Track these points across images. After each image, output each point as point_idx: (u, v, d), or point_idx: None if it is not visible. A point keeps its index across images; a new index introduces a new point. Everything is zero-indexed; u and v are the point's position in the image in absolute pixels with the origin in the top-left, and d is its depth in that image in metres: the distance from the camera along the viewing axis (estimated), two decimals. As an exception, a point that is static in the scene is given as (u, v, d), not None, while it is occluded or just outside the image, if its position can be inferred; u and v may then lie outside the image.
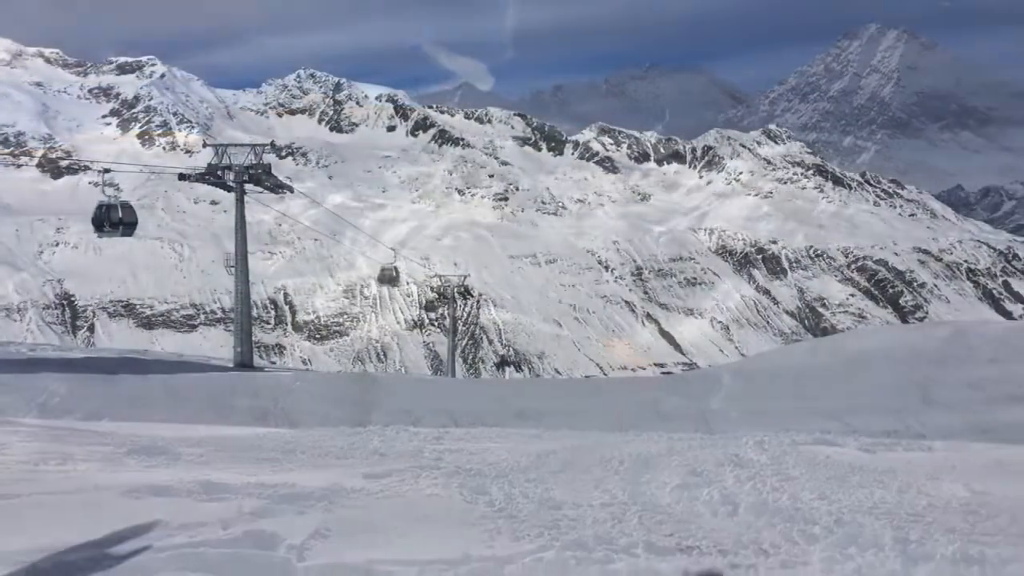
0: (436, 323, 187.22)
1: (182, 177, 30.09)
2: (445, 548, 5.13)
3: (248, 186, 30.35)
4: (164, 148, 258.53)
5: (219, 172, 29.63)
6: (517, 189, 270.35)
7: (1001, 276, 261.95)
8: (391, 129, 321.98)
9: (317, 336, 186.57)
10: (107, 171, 26.60)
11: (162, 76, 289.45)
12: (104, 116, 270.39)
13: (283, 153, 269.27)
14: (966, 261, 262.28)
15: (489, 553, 5.01)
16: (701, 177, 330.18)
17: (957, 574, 4.42)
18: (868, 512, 5.61)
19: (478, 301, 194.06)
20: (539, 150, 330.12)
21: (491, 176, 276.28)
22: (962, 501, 5.87)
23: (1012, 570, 4.48)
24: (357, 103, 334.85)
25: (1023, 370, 14.76)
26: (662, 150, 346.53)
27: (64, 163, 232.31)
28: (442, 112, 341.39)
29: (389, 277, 39.07)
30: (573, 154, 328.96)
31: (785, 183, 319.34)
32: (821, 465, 7.18)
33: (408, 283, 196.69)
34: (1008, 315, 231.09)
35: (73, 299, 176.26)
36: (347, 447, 8.56)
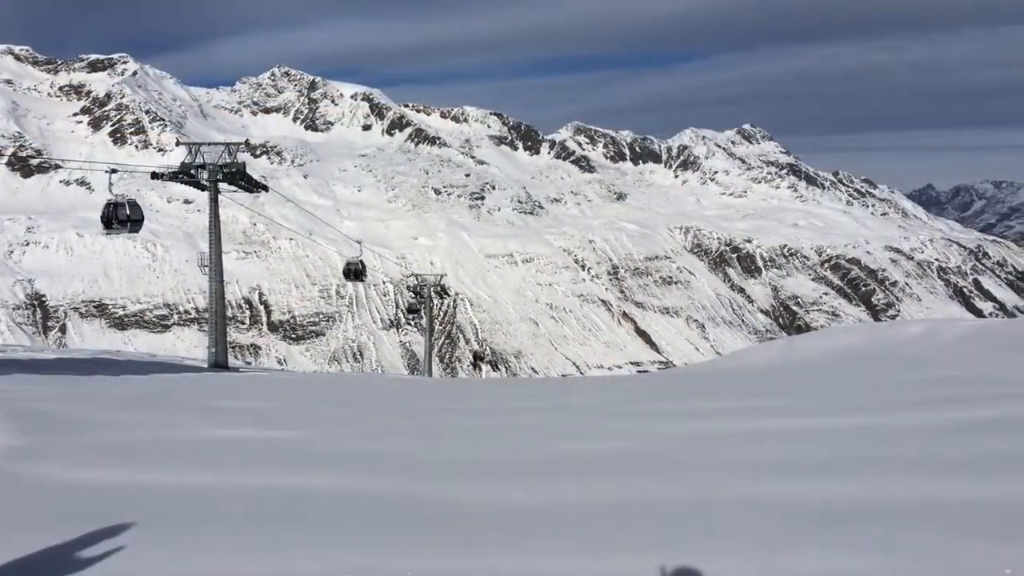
0: (413, 322, 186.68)
1: (155, 176, 29.78)
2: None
3: (222, 185, 30.14)
4: (136, 146, 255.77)
5: (193, 171, 29.39)
6: (493, 188, 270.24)
7: (971, 274, 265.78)
8: (367, 128, 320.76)
9: (293, 336, 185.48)
10: (114, 171, 27.02)
11: (134, 74, 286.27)
12: (75, 114, 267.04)
13: (257, 152, 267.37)
14: (937, 259, 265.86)
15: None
16: (677, 176, 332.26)
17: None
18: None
19: (455, 300, 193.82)
20: (515, 149, 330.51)
21: (467, 175, 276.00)
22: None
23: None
24: (332, 102, 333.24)
25: (993, 368, 14.97)
26: (638, 149, 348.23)
27: (35, 161, 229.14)
28: (418, 111, 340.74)
29: (355, 271, 38.49)
30: (549, 153, 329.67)
31: (759, 182, 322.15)
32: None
33: (384, 282, 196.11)
34: (978, 313, 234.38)
35: (44, 299, 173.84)
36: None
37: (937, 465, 6.90)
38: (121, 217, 26.33)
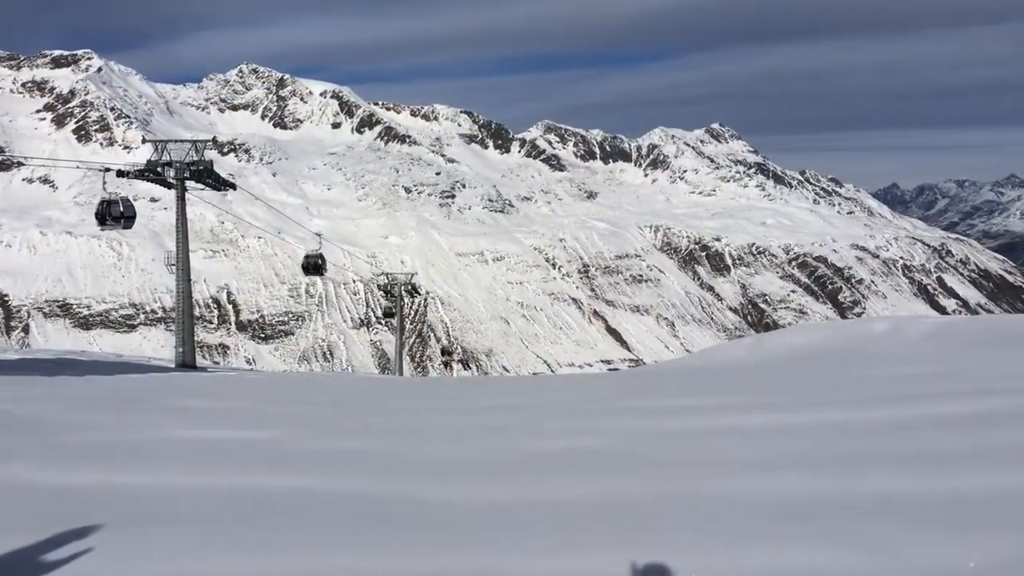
0: (383, 321, 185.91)
1: (120, 174, 29.48)
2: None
3: (189, 183, 29.90)
4: (101, 144, 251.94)
5: (159, 169, 29.14)
6: (464, 187, 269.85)
7: (935, 272, 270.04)
8: (336, 126, 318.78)
9: (262, 335, 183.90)
10: (107, 170, 28.03)
11: (99, 70, 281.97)
12: (38, 111, 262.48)
13: (225, 149, 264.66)
14: (902, 258, 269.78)
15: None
16: (646, 175, 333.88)
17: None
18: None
19: (425, 299, 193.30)
20: (486, 147, 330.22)
21: (438, 174, 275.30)
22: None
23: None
24: (301, 99, 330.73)
25: (957, 365, 15.23)
26: (608, 148, 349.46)
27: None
28: (388, 109, 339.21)
29: (315, 265, 37.95)
30: (520, 152, 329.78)
31: (728, 181, 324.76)
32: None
33: (354, 281, 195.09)
34: (942, 310, 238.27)
35: (7, 299, 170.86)
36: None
37: (901, 460, 7.01)
38: (115, 214, 27.89)
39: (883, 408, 10.00)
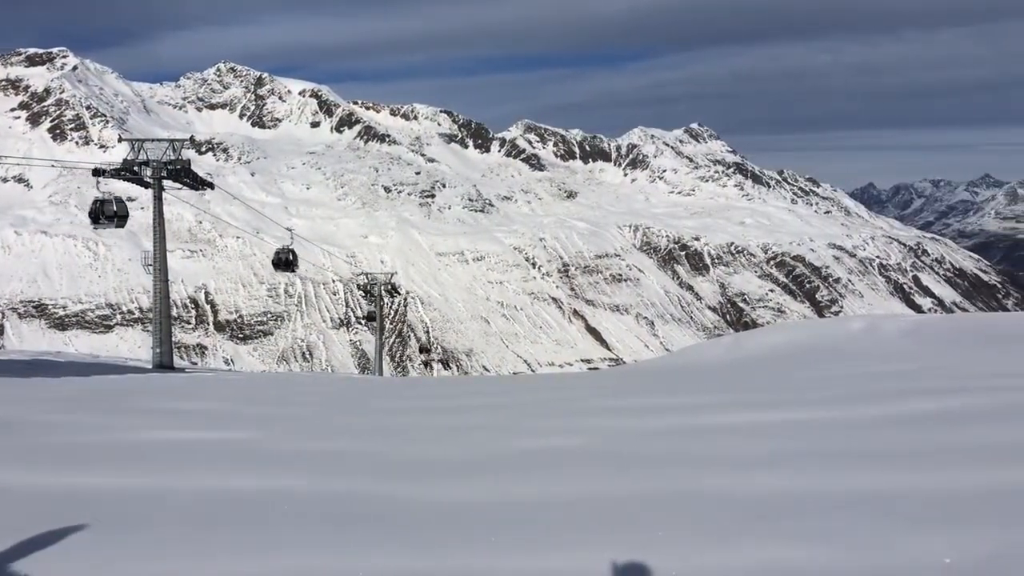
0: (363, 321, 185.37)
1: (97, 173, 29.16)
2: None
3: (167, 182, 29.66)
4: (77, 143, 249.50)
5: (136, 168, 28.88)
6: (444, 186, 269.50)
7: (911, 271, 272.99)
8: (315, 125, 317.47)
9: (240, 336, 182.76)
10: (101, 172, 28.96)
11: (74, 68, 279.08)
12: (13, 109, 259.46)
13: (203, 149, 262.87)
14: (878, 257, 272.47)
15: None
16: (626, 175, 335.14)
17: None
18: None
19: (405, 299, 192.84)
20: (465, 147, 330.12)
21: (418, 173, 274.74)
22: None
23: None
24: (280, 98, 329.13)
25: (933, 362, 15.39)
26: (588, 148, 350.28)
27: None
28: (367, 108, 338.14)
29: (286, 261, 37.38)
30: (500, 151, 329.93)
31: (707, 181, 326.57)
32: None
33: (334, 281, 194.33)
34: (918, 308, 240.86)
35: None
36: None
37: (878, 457, 7.08)
38: (108, 213, 28.42)
39: (861, 406, 10.08)
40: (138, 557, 5.09)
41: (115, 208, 28.62)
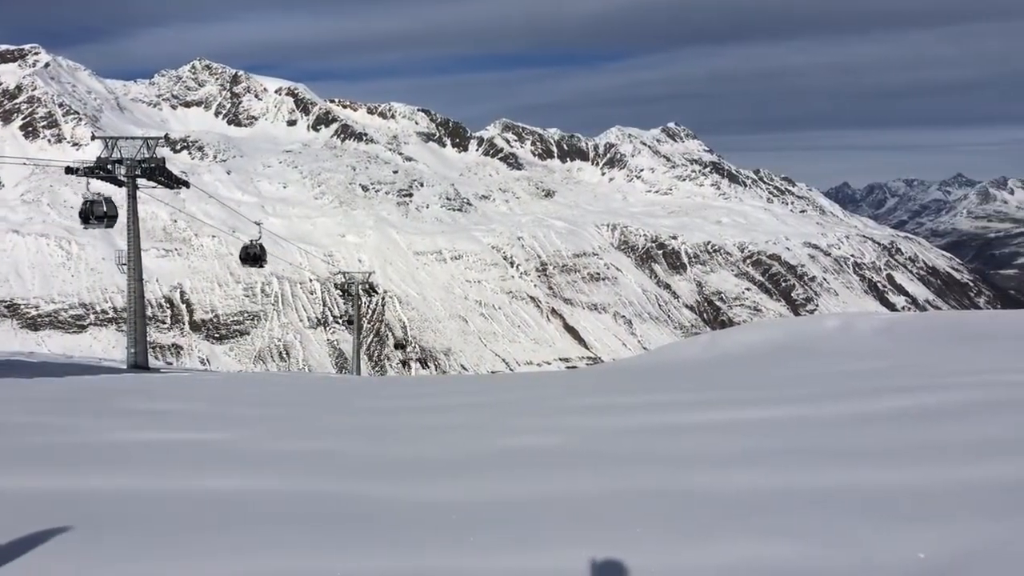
0: (340, 320, 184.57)
1: (69, 171, 28.85)
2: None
3: (141, 181, 29.39)
4: (49, 140, 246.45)
5: (110, 166, 28.60)
6: (422, 185, 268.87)
7: (885, 269, 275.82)
8: (292, 123, 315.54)
9: (216, 335, 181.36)
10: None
11: (46, 65, 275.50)
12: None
13: (178, 147, 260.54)
14: (853, 255, 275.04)
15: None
16: (604, 174, 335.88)
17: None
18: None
19: (383, 298, 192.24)
20: (443, 146, 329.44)
21: (395, 172, 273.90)
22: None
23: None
24: (256, 96, 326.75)
25: (906, 360, 15.55)
26: (565, 147, 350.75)
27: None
28: (344, 107, 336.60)
29: (254, 255, 36.52)
30: (477, 150, 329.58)
31: (684, 180, 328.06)
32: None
33: (311, 280, 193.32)
34: (892, 306, 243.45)
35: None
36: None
37: (852, 453, 7.15)
38: (98, 213, 28.56)
39: (835, 403, 10.17)
40: (118, 559, 5.05)
41: (105, 208, 28.65)
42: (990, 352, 15.72)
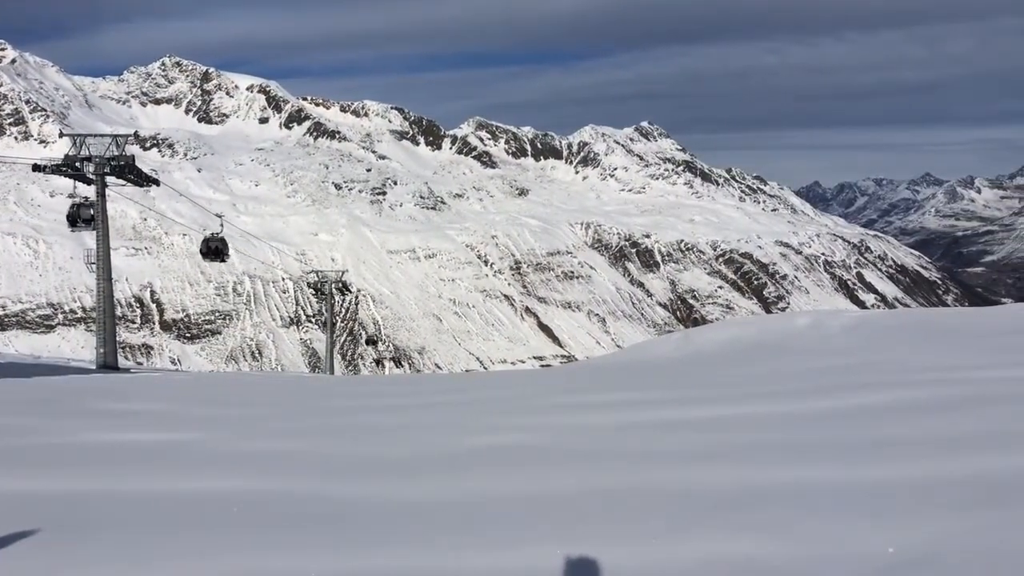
0: (313, 319, 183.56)
1: (37, 168, 28.46)
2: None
3: (110, 179, 29.04)
4: (16, 138, 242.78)
5: (78, 164, 28.21)
6: (395, 183, 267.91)
7: (855, 268, 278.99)
8: (264, 121, 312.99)
9: (187, 335, 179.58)
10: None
11: (13, 61, 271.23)
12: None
13: (148, 144, 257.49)
14: (823, 254, 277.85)
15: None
16: (577, 172, 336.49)
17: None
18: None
19: (356, 297, 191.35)
20: (417, 144, 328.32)
21: (368, 170, 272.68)
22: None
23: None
24: (227, 93, 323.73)
25: (876, 357, 15.74)
26: (539, 145, 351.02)
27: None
28: (317, 104, 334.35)
29: (215, 250, 35.02)
30: (451, 149, 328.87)
31: (657, 179, 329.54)
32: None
33: (284, 279, 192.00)
34: (861, 304, 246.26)
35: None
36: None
37: (823, 449, 7.22)
38: (85, 216, 28.62)
39: (806, 400, 10.27)
40: (85, 562, 4.98)
41: (92, 211, 28.61)
42: (958, 349, 15.95)
